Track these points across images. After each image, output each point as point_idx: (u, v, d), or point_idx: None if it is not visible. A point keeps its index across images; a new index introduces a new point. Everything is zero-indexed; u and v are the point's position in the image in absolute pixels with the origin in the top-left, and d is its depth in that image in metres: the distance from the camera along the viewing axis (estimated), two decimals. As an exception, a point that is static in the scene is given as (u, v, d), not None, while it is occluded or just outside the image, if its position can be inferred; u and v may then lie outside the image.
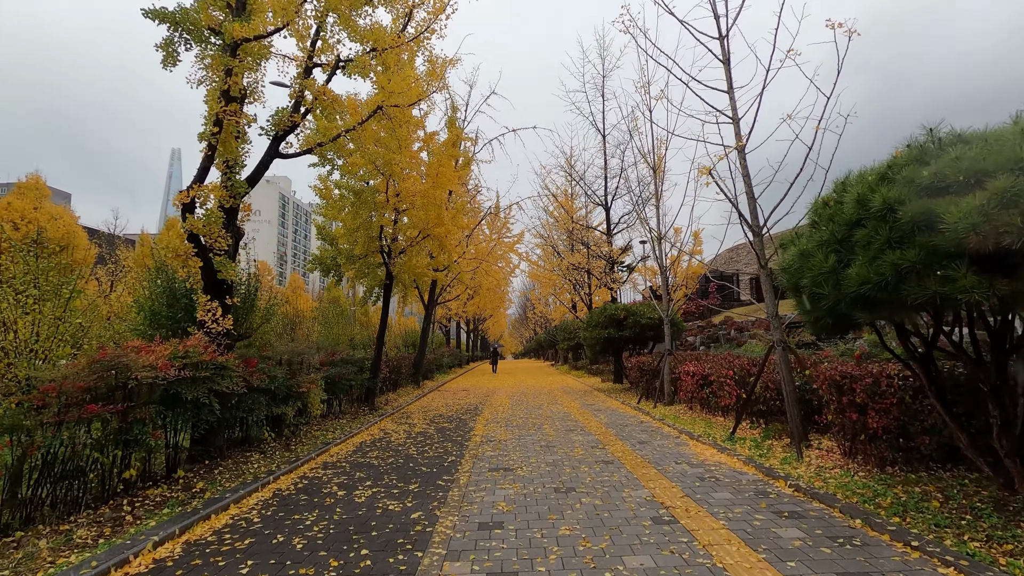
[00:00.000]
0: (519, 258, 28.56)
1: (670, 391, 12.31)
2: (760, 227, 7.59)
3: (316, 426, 9.73)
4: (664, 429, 9.14)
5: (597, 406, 12.87)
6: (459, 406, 13.61)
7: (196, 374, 5.63)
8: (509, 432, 9.26)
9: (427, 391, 17.73)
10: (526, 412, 11.97)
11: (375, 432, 9.66)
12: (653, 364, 13.52)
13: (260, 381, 6.88)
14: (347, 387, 11.06)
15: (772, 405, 7.90)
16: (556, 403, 13.72)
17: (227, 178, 6.79)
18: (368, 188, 10.98)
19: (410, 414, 12.17)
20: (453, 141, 13.32)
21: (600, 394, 15.75)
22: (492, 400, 14.90)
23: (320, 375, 9.73)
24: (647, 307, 16.23)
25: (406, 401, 14.52)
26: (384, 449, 7.99)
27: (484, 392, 17.63)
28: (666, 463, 6.53)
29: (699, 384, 10.28)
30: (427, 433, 9.40)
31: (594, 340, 16.69)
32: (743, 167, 7.77)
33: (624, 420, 10.37)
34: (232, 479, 6.01)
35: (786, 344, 7.26)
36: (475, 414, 11.93)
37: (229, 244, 6.74)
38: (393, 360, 16.00)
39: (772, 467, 6.01)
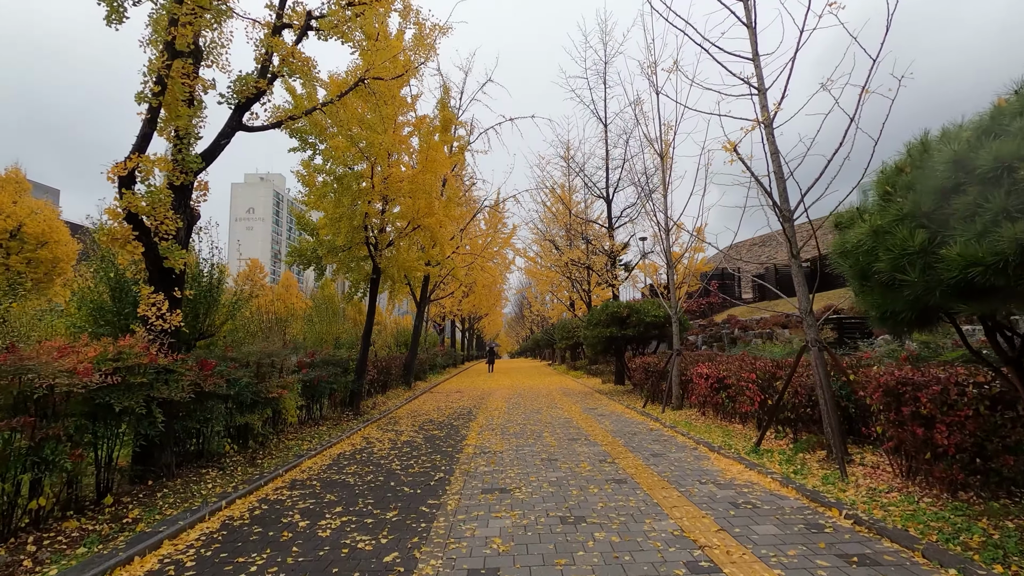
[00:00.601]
0: (515, 253, 27.65)
1: (679, 394, 11.42)
2: (791, 211, 6.69)
3: (292, 435, 8.76)
4: (678, 438, 8.23)
5: (600, 410, 11.96)
6: (452, 410, 12.67)
7: (130, 379, 4.67)
8: (505, 441, 8.33)
9: (419, 393, 16.78)
10: (524, 417, 11.04)
11: (357, 441, 8.70)
12: (660, 365, 12.62)
13: (216, 386, 5.92)
14: (328, 391, 10.10)
15: (802, 413, 7.00)
16: (555, 406, 12.80)
17: (177, 150, 5.83)
18: (351, 173, 10.02)
19: (398, 419, 11.22)
20: (445, 125, 12.37)
21: (602, 396, 14.84)
22: (487, 403, 13.97)
23: (297, 378, 8.78)
24: (651, 304, 15.33)
25: (395, 404, 13.56)
26: (364, 463, 7.04)
27: (479, 394, 16.69)
28: (689, 482, 5.62)
29: (714, 388, 9.38)
30: (414, 443, 8.45)
31: (595, 339, 15.78)
32: (771, 144, 6.86)
33: (631, 427, 9.45)
34: (177, 504, 5.05)
35: (822, 344, 6.35)
36: (468, 419, 10.99)
37: (179, 228, 5.78)
38: (382, 360, 15.05)
39: (816, 489, 5.10)
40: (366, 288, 12.17)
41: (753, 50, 7.10)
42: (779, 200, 6.70)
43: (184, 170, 5.83)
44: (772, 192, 6.77)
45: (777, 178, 6.76)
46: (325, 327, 12.86)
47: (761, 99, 7.00)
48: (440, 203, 11.92)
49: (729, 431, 8.34)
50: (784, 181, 6.74)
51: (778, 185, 6.75)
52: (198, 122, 6.12)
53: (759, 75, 7.04)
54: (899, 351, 6.92)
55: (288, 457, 7.20)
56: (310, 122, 10.35)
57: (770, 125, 6.85)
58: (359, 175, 10.23)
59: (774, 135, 6.86)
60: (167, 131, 5.83)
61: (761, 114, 6.93)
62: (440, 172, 10.90)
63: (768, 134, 6.87)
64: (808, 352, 6.52)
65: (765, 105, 6.94)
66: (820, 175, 6.33)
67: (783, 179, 6.74)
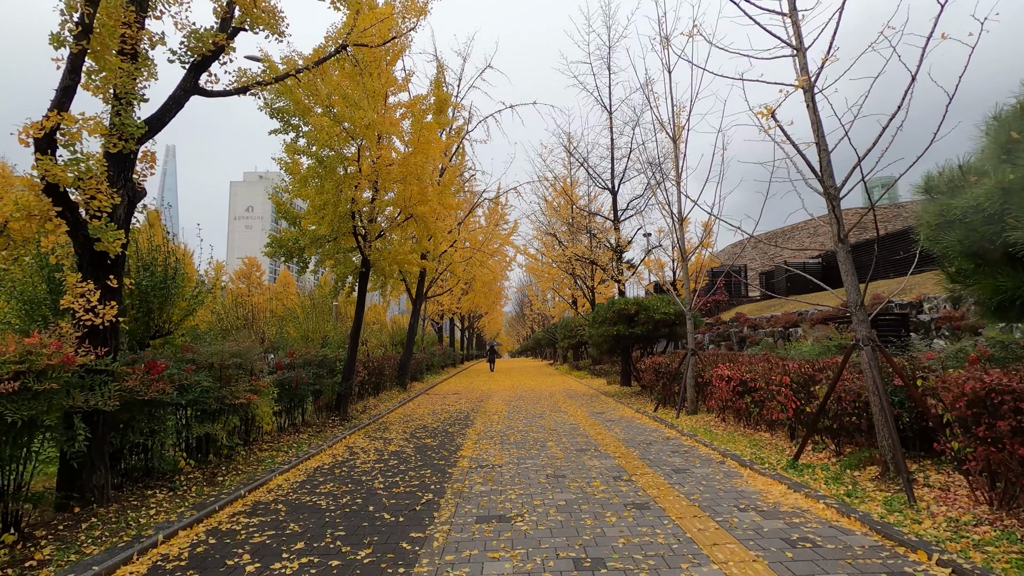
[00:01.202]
0: (516, 250, 26.72)
1: (694, 398, 10.50)
2: (838, 188, 5.75)
3: (266, 446, 7.84)
4: (700, 449, 7.30)
5: (608, 415, 11.03)
6: (448, 414, 11.74)
7: (34, 386, 3.74)
8: (505, 452, 7.40)
9: (414, 395, 15.86)
10: (526, 423, 10.12)
11: (340, 452, 7.78)
12: (672, 366, 11.69)
13: (163, 393, 5.00)
14: (309, 394, 9.18)
15: (846, 423, 6.07)
16: (559, 410, 11.87)
17: (116, 113, 4.90)
18: (335, 155, 9.09)
19: (389, 425, 10.29)
20: (440, 107, 11.45)
21: (608, 399, 13.92)
22: (486, 406, 13.05)
23: (272, 380, 7.86)
24: (660, 301, 14.40)
25: (388, 408, 12.64)
26: (342, 479, 6.11)
27: (478, 396, 15.77)
28: (725, 508, 4.69)
29: (736, 391, 8.45)
30: (403, 454, 7.53)
31: (601, 338, 14.85)
32: (812, 112, 5.93)
33: (645, 435, 8.53)
34: (103, 538, 4.13)
35: (876, 343, 5.42)
36: (465, 425, 10.07)
37: (117, 205, 4.85)
38: (375, 360, 14.12)
39: (885, 520, 4.17)
40: (355, 283, 11.25)
41: (790, 3, 6.16)
42: (823, 175, 5.76)
43: (123, 136, 4.91)
44: (814, 166, 5.83)
45: (820, 150, 5.83)
46: (312, 325, 11.96)
47: (800, 59, 6.06)
48: (434, 191, 10.99)
49: (756, 441, 7.41)
50: (828, 154, 5.80)
51: (821, 158, 5.81)
52: (144, 82, 5.20)
53: (797, 31, 6.10)
54: (966, 351, 5.98)
55: (256, 473, 6.27)
56: (292, 100, 9.43)
57: (811, 89, 5.92)
58: (344, 158, 9.30)
59: (815, 101, 5.93)
60: (105, 89, 4.91)
61: (800, 76, 6.00)
62: (432, 154, 9.99)
63: (809, 100, 5.93)
64: (857, 352, 5.60)
65: (805, 66, 6.01)
66: (875, 142, 5.38)
67: (827, 151, 5.80)
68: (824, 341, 10.13)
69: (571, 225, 19.67)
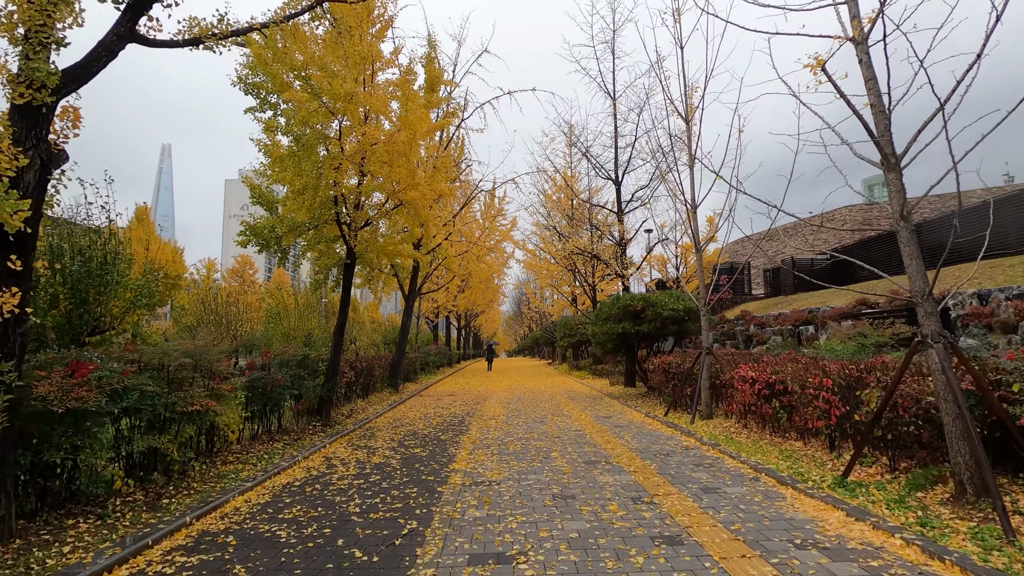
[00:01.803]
0: (514, 246, 25.80)
1: (708, 401, 9.62)
2: (898, 157, 4.86)
3: (233, 457, 6.91)
4: (726, 461, 6.40)
5: (615, 419, 10.13)
6: (441, 418, 10.82)
7: None
8: (504, 466, 6.49)
9: (406, 396, 14.93)
10: (526, 429, 9.21)
11: (316, 464, 6.85)
12: (684, 366, 10.81)
13: (83, 400, 4.06)
14: (286, 397, 8.24)
15: (903, 432, 5.17)
16: (562, 414, 10.97)
17: (25, 56, 3.97)
18: (312, 133, 8.15)
19: (376, 431, 9.37)
20: (431, 84, 10.53)
21: (613, 401, 13.02)
22: (483, 409, 12.13)
23: (239, 384, 6.93)
24: (669, 297, 13.51)
25: (376, 411, 11.71)
26: (313, 501, 5.19)
27: (474, 397, 14.85)
28: (778, 544, 3.78)
29: (760, 395, 7.56)
30: (387, 467, 6.61)
31: (605, 336, 13.94)
32: (865, 68, 5.03)
33: (660, 443, 7.63)
34: (-12, 591, 3.21)
35: (948, 340, 4.53)
36: (460, 431, 9.15)
37: (23, 168, 3.92)
38: (364, 360, 13.19)
39: (991, 566, 3.28)
40: (338, 277, 10.32)
41: (839, -59, 5.26)
42: (881, 141, 4.87)
43: (34, 85, 3.97)
44: (871, 127, 4.93)
45: (876, 112, 4.93)
46: (295, 322, 11.03)
47: (851, 7, 5.17)
48: (425, 175, 10.06)
49: (788, 452, 6.52)
50: (887, 116, 4.91)
51: (877, 122, 4.92)
52: (66, 26, 4.27)
53: (847, -26, 5.20)
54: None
55: (212, 493, 5.34)
56: (268, 75, 8.52)
57: (864, 40, 5.02)
58: (324, 136, 8.36)
59: (869, 55, 5.03)
60: (11, 28, 3.96)
61: (851, 27, 5.11)
62: (420, 132, 9.06)
63: (863, 53, 5.03)
64: (923, 350, 4.71)
65: (856, 15, 5.11)
66: (946, 100, 4.48)
67: (885, 112, 4.91)
68: (858, 339, 9.24)
69: (572, 218, 18.77)
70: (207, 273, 39.29)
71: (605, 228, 16.80)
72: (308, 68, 8.32)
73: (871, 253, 23.23)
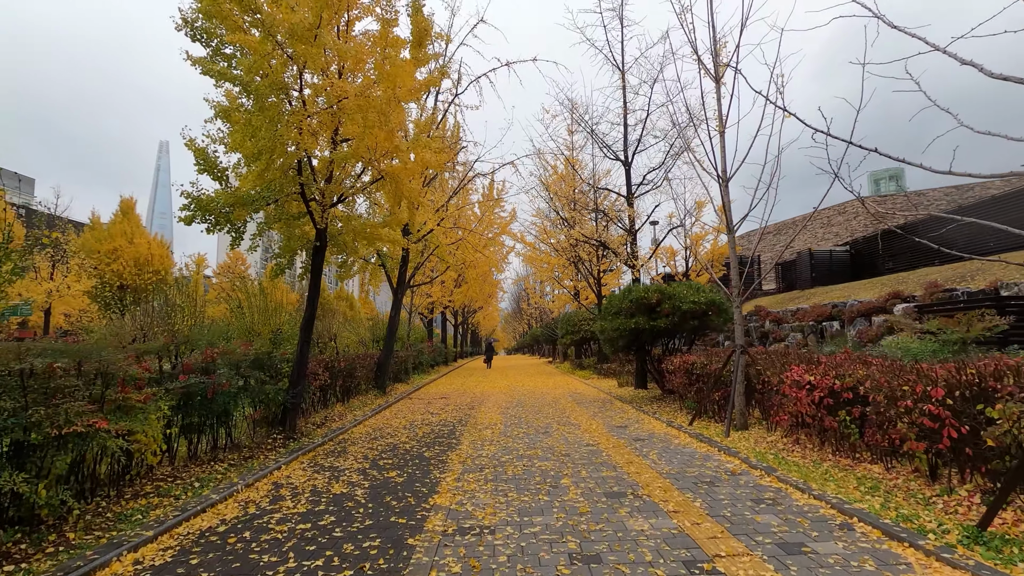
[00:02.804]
0: (512, 238, 24.24)
1: (743, 409, 8.12)
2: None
3: (150, 487, 5.38)
4: (792, 494, 4.87)
5: (633, 429, 8.62)
6: (429, 427, 9.30)
7: None
8: (500, 500, 4.97)
9: (394, 400, 13.40)
10: (528, 442, 7.69)
11: (258, 496, 5.32)
12: (711, 367, 9.29)
13: None
14: (235, 405, 6.70)
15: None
16: (569, 422, 9.45)
17: None
18: (264, 81, 6.60)
19: (349, 445, 7.85)
20: (418, 38, 8.97)
21: (625, 407, 11.51)
22: (477, 416, 10.61)
23: (162, 391, 5.40)
24: (687, 288, 12.00)
25: (356, 418, 10.17)
26: (227, 566, 3.66)
27: (469, 401, 13.33)
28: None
29: (822, 404, 6.04)
30: (349, 501, 5.08)
31: (615, 333, 12.42)
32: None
33: (698, 466, 6.11)
34: None
35: None
36: (448, 446, 7.63)
37: None
38: (343, 360, 11.65)
39: None
40: (307, 262, 8.78)
41: None
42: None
43: None
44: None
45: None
46: (259, 316, 9.52)
47: None
48: (409, 142, 8.48)
49: (868, 480, 5.02)
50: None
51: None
52: None
53: None
54: None
55: (92, 548, 3.81)
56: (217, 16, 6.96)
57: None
58: (280, 84, 6.79)
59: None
60: None
61: None
62: (404, 88, 7.52)
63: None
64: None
65: None
66: None
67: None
68: (949, 334, 7.69)
69: (575, 204, 17.20)
70: (196, 268, 37.71)
71: (613, 214, 15.21)
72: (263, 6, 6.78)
73: (896, 244, 21.76)
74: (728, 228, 8.77)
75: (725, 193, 8.69)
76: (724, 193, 8.69)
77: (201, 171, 7.54)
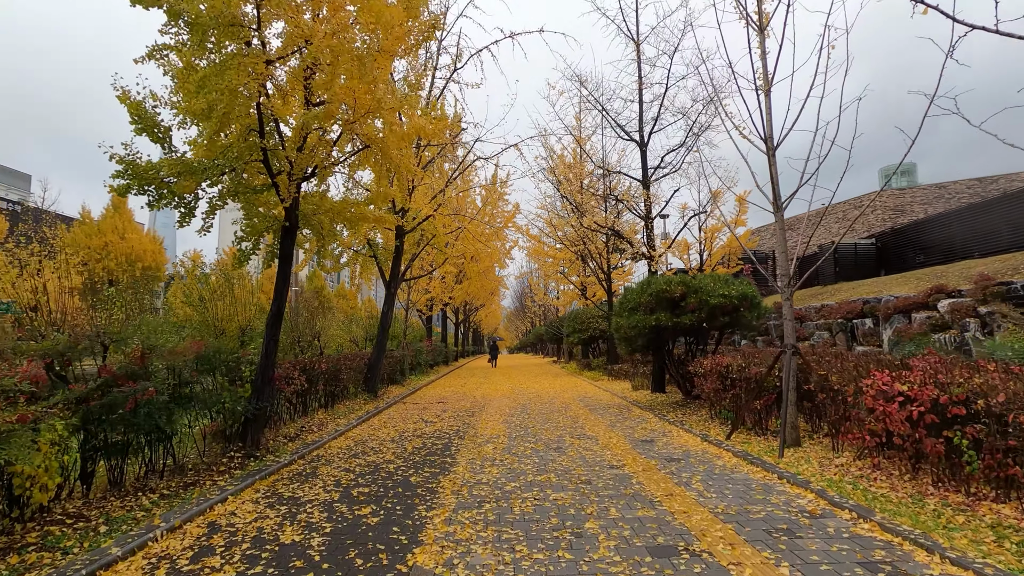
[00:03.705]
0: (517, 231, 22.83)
1: (795, 421, 6.74)
2: None
3: (35, 535, 4.03)
4: (914, 555, 3.48)
5: (663, 446, 7.24)
6: (420, 441, 7.94)
7: None
8: (504, 560, 3.60)
9: (384, 405, 12.04)
10: (538, 464, 6.31)
11: (185, 542, 3.97)
12: (751, 370, 7.90)
13: None
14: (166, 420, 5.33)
15: None
16: (584, 434, 8.08)
17: None
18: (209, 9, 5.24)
19: (322, 464, 6.49)
20: (408, -17, 7.61)
21: (646, 414, 10.14)
22: (477, 426, 9.25)
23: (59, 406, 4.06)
24: (716, 280, 10.62)
25: (337, 428, 8.82)
26: None
27: (468, 406, 11.96)
28: None
29: (919, 422, 4.65)
30: (299, 557, 3.72)
31: (633, 331, 11.02)
32: None
33: (756, 500, 4.72)
34: None
35: None
36: (441, 467, 6.27)
37: None
38: (323, 361, 10.29)
39: None
40: (275, 245, 7.41)
41: None
42: None
43: None
44: None
45: None
46: (222, 309, 8.18)
47: None
48: (395, 100, 7.09)
49: (1006, 529, 3.63)
50: None
51: None
52: None
53: None
54: None
55: None
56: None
57: None
58: (230, 17, 5.41)
59: None
60: None
61: None
62: (393, 33, 6.15)
63: None
64: None
65: None
66: None
67: None
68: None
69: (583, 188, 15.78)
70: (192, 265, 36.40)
71: (628, 198, 13.77)
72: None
73: (927, 237, 20.30)
74: (776, 204, 7.35)
75: (772, 163, 7.29)
76: (771, 163, 7.28)
77: (139, 131, 6.17)
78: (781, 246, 7.32)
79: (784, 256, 7.31)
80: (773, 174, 7.30)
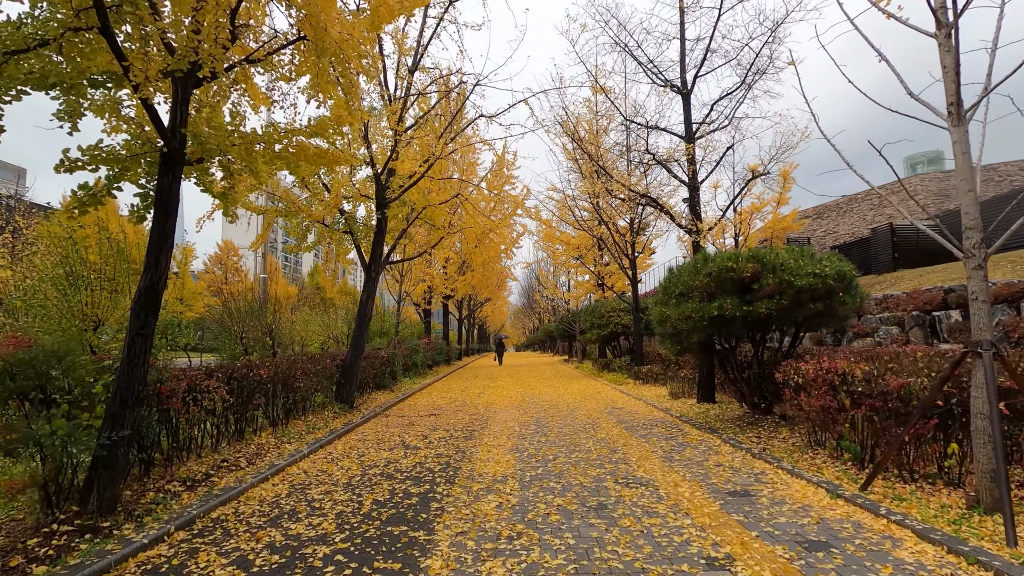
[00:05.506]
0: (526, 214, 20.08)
1: (1003, 470, 3.96)
2: None
3: None
4: None
5: (768, 507, 4.47)
6: (387, 488, 5.24)
7: None
8: None
9: (360, 420, 9.35)
10: (573, 548, 3.58)
11: None
12: (893, 382, 5.10)
13: None
14: None
15: None
16: (633, 476, 5.33)
17: None
18: None
19: (207, 547, 3.82)
20: None
21: (707, 436, 7.39)
22: (476, 456, 6.54)
23: None
24: (800, 255, 7.89)
25: (274, 463, 6.13)
26: None
27: (467, 421, 9.24)
28: None
29: None
30: None
31: (685, 324, 8.24)
32: None
33: None
34: None
35: None
36: (406, 560, 3.57)
37: None
38: (263, 367, 7.56)
39: None
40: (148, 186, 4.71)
41: None
42: None
43: None
44: None
45: None
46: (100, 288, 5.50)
47: None
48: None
49: None
50: None
51: None
52: None
53: None
54: None
55: None
56: None
57: None
58: None
59: None
60: None
61: None
62: None
63: None
64: None
65: None
66: None
67: None
68: None
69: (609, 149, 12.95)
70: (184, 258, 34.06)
71: (671, 157, 10.89)
72: None
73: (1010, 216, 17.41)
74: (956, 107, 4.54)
75: (949, 45, 4.49)
76: (949, 43, 4.48)
77: None
78: (967, 176, 4.51)
79: (973, 196, 4.50)
80: (948, 62, 4.49)
